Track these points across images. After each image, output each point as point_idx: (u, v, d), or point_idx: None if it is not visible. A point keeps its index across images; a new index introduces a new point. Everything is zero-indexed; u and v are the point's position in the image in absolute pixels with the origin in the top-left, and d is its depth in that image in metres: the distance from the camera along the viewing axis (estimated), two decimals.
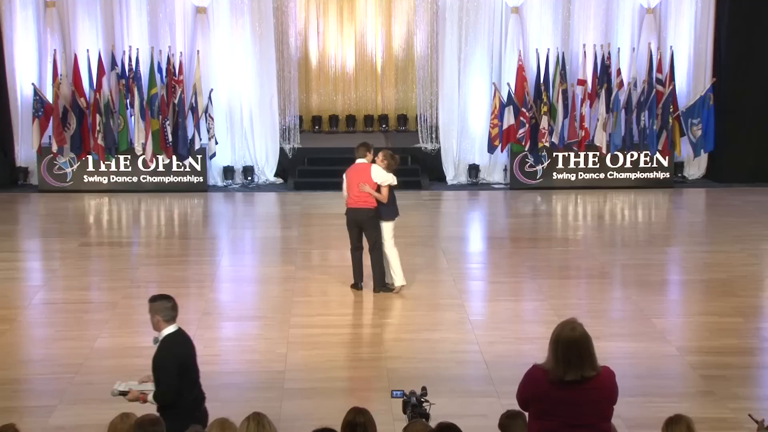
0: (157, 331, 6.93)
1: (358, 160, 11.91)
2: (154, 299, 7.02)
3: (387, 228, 11.89)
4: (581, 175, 18.00)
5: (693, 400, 8.75)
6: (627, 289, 12.19)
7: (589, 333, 5.36)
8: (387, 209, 11.85)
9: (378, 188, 11.65)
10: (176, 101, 17.33)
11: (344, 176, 11.94)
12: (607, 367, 5.32)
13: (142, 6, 17.74)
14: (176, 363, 6.80)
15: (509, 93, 17.56)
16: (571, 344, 5.21)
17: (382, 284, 11.88)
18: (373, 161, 11.84)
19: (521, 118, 17.51)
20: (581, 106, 17.63)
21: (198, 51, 17.62)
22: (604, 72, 17.55)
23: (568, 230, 15.73)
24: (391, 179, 11.76)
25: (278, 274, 12.83)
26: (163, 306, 6.96)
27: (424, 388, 6.45)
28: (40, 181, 17.62)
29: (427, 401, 6.35)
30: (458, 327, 10.73)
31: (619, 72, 17.63)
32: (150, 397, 6.86)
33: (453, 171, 18.28)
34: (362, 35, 20.15)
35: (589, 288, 12.50)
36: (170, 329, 6.94)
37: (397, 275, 11.93)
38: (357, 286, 12.03)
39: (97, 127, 17.23)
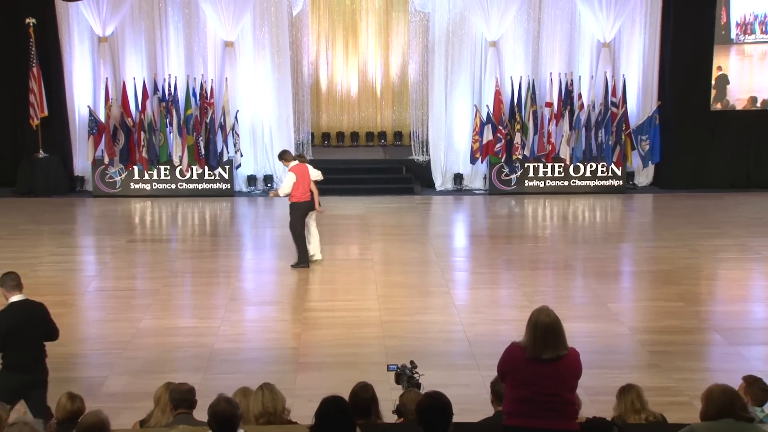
0: (6, 300, 7.04)
1: (295, 163, 12.44)
2: (1, 276, 7.15)
3: (313, 215, 12.65)
4: (549, 182, 17.98)
5: (642, 372, 8.76)
6: (587, 278, 12.19)
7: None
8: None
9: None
10: (208, 120, 17.33)
11: (293, 176, 12.24)
12: (573, 347, 5.31)
13: (179, 41, 17.74)
14: (3, 326, 6.88)
15: (488, 113, 17.55)
16: (547, 328, 5.17)
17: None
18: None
19: (498, 135, 17.50)
20: (548, 124, 17.62)
21: (226, 78, 17.61)
22: (567, 96, 17.55)
23: (537, 229, 15.73)
24: (321, 175, 12.77)
25: None
26: (4, 280, 7.07)
27: (412, 362, 6.44)
28: (94, 187, 17.60)
29: (417, 373, 6.35)
30: (445, 311, 10.74)
31: (580, 96, 17.63)
32: None
33: (441, 179, 18.26)
34: (364, 65, 20.19)
35: (555, 277, 12.49)
36: (15, 298, 7.04)
37: (317, 250, 12.74)
38: (308, 264, 12.46)
39: (142, 143, 17.24)
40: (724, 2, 17.51)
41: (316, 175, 12.50)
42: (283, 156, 12.80)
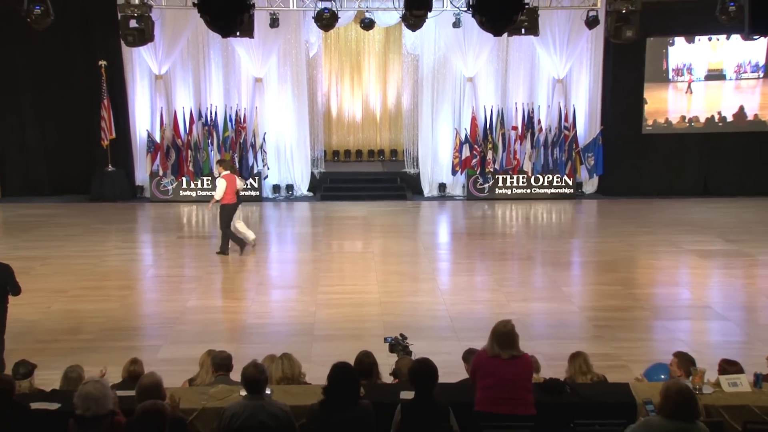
0: None
1: (227, 173, 12.49)
2: None
3: (239, 214, 12.76)
4: (514, 190, 17.98)
5: (588, 342, 8.74)
6: (544, 267, 12.18)
7: (518, 297, 5.34)
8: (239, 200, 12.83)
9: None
10: (241, 141, 17.33)
11: (224, 182, 12.32)
12: (527, 354, 5.33)
13: (219, 77, 17.73)
14: None
15: (466, 135, 17.56)
16: (507, 335, 5.19)
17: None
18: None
19: (474, 152, 17.51)
20: (514, 144, 17.64)
21: (256, 107, 17.62)
22: (529, 121, 17.57)
23: (505, 227, 15.72)
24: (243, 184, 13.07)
25: (310, 257, 12.81)
26: None
27: (401, 334, 6.44)
28: (151, 194, 17.60)
29: (408, 343, 6.36)
30: (431, 293, 10.72)
31: (539, 121, 17.65)
32: None
33: (428, 187, 18.27)
34: (366, 95, 20.20)
35: (519, 266, 12.47)
36: None
37: (250, 233, 12.77)
38: (227, 253, 12.55)
39: (189, 159, 17.26)
40: (664, 55, 17.78)
41: (240, 184, 12.68)
42: (221, 163, 12.83)
